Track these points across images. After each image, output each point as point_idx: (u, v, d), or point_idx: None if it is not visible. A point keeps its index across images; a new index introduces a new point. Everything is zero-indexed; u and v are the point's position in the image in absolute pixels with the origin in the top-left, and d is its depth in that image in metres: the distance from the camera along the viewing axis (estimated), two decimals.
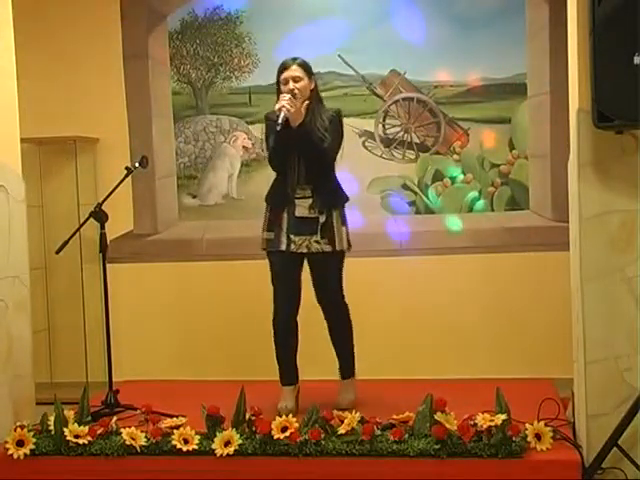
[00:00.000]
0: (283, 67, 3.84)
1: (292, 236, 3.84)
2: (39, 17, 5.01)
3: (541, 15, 4.78)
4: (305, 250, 3.85)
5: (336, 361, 4.02)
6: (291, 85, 3.77)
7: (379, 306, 4.76)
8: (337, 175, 3.96)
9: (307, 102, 3.81)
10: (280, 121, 3.66)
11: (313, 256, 3.86)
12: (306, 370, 4.08)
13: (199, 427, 3.43)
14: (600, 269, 3.16)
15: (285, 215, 3.86)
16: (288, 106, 3.68)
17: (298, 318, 3.97)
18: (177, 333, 5.07)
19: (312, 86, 3.86)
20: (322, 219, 3.83)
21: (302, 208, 3.84)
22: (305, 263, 3.95)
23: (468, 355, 4.78)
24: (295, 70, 3.81)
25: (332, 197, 3.90)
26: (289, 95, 3.72)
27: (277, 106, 3.72)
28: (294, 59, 3.85)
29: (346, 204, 3.97)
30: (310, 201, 3.83)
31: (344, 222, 3.91)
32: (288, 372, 3.99)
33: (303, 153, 3.81)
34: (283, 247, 3.85)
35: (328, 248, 3.84)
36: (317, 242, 3.84)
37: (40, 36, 5.03)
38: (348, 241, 3.93)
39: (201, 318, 5.04)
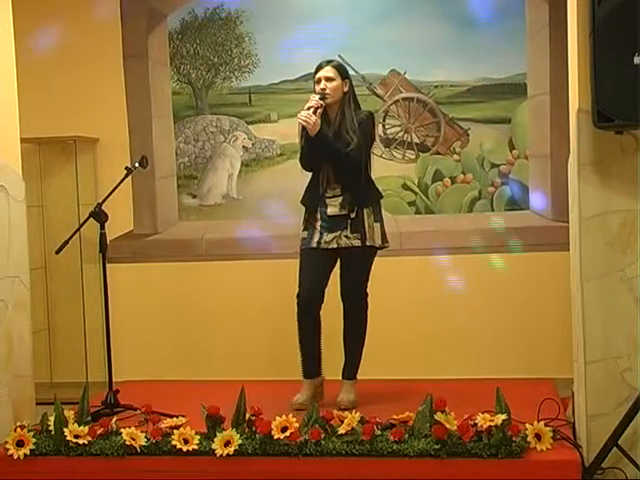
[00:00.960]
0: (318, 68, 3.99)
1: (324, 234, 3.95)
2: (39, 17, 5.01)
3: (541, 15, 4.78)
4: (335, 245, 3.95)
5: (336, 360, 4.03)
6: (322, 85, 3.92)
7: (379, 306, 4.74)
8: (369, 173, 4.05)
9: (338, 102, 3.93)
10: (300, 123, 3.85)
11: (344, 251, 3.95)
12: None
13: (199, 427, 3.43)
14: (600, 269, 3.16)
15: (318, 215, 3.98)
16: (302, 120, 3.83)
17: None
18: (177, 333, 5.06)
19: (345, 88, 3.98)
20: (352, 215, 3.93)
21: (333, 207, 3.96)
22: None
23: (468, 355, 4.78)
24: (328, 71, 3.96)
25: (361, 195, 3.98)
26: (317, 97, 3.87)
27: (298, 116, 3.88)
28: (329, 61, 4.01)
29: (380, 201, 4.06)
30: (340, 199, 3.95)
31: (377, 219, 4.00)
32: (308, 365, 4.03)
33: (326, 158, 3.93)
34: (314, 244, 3.96)
35: (357, 243, 3.93)
36: (347, 237, 3.94)
37: (40, 36, 5.02)
38: (383, 238, 4.01)
39: (201, 318, 5.04)
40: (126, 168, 4.16)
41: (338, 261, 4.02)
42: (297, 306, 4.01)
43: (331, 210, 3.96)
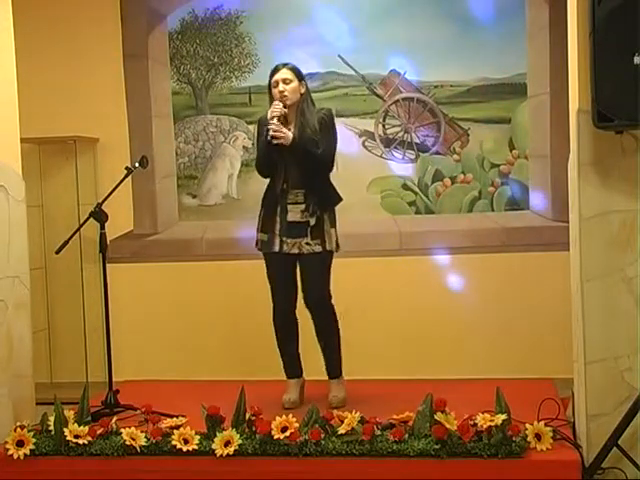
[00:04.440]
0: (274, 70, 3.97)
1: (285, 239, 3.94)
2: (39, 17, 5.01)
3: (541, 15, 4.78)
4: (297, 251, 3.94)
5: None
6: (281, 87, 3.90)
7: (379, 306, 4.76)
8: (330, 177, 4.02)
9: (296, 104, 3.90)
10: (269, 138, 3.80)
11: (304, 257, 3.95)
12: (308, 370, 4.11)
13: (199, 427, 3.43)
14: (600, 269, 3.16)
15: (278, 219, 3.95)
16: (276, 135, 3.80)
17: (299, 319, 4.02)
18: (177, 333, 5.06)
19: (302, 90, 3.96)
20: (312, 222, 3.91)
21: (294, 213, 3.93)
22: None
23: (468, 355, 4.78)
24: (285, 73, 3.94)
25: (325, 201, 3.97)
26: (280, 105, 3.85)
27: (268, 115, 3.86)
28: (285, 64, 3.98)
29: (339, 204, 4.03)
30: (302, 206, 3.92)
31: (333, 224, 3.99)
32: (291, 365, 4.08)
33: (299, 163, 3.89)
34: (276, 248, 3.96)
35: (319, 249, 3.93)
36: (308, 244, 3.93)
37: (40, 36, 5.02)
38: (337, 242, 4.01)
39: (201, 318, 5.04)
40: (126, 168, 4.16)
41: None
42: (274, 312, 4.04)
43: (291, 216, 3.92)
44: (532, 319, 4.74)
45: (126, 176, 4.15)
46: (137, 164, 4.18)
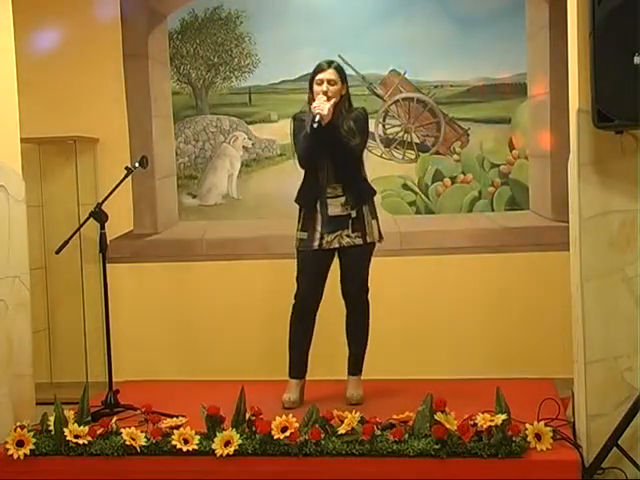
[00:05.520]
0: (319, 69, 3.95)
1: (325, 235, 3.94)
2: (39, 17, 5.01)
3: (541, 15, 4.77)
4: (337, 245, 3.95)
5: (340, 359, 4.05)
6: (324, 87, 3.88)
7: (379, 306, 4.75)
8: (364, 171, 4.07)
9: (335, 101, 3.88)
10: (316, 120, 3.76)
11: (344, 250, 3.97)
12: (310, 370, 4.11)
13: (199, 427, 3.43)
14: (600, 269, 3.16)
15: (319, 215, 3.96)
16: (321, 110, 3.78)
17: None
18: (177, 333, 5.06)
19: (343, 92, 3.97)
20: (353, 214, 3.94)
21: (334, 207, 3.95)
22: (335, 260, 4.04)
23: (468, 355, 4.78)
24: (331, 74, 3.93)
25: (362, 193, 4.00)
26: (325, 97, 3.83)
27: (314, 105, 3.83)
28: (330, 63, 3.97)
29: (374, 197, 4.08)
30: (342, 199, 3.95)
31: (374, 215, 4.03)
32: (297, 364, 4.07)
33: (333, 152, 3.89)
34: (316, 246, 3.96)
35: (359, 241, 3.96)
36: (348, 236, 3.95)
37: (40, 36, 5.02)
38: (380, 233, 4.05)
39: (201, 318, 5.04)
40: (126, 168, 4.16)
41: (335, 260, 4.02)
42: (293, 308, 4.02)
43: (332, 210, 3.94)
44: (532, 319, 4.74)
45: (126, 176, 4.15)
46: (137, 164, 4.18)
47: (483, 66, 4.84)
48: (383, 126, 5.03)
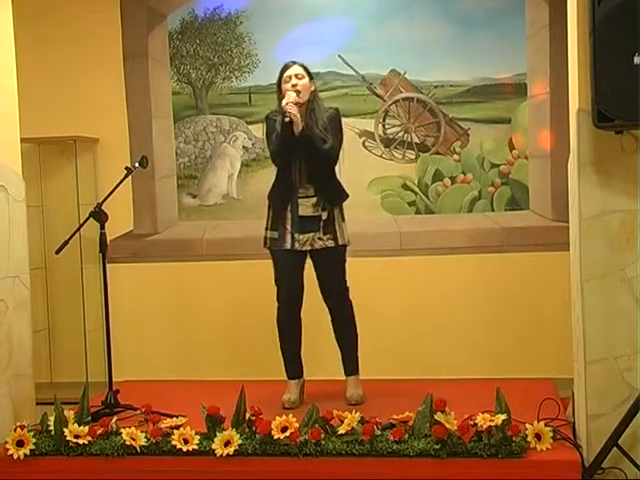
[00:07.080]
0: (285, 68, 3.94)
1: (296, 235, 3.91)
2: (39, 17, 5.01)
3: (541, 15, 4.78)
4: (309, 247, 3.93)
5: (338, 359, 4.05)
6: (294, 81, 3.87)
7: (379, 306, 4.75)
8: (337, 173, 4.03)
9: (306, 102, 3.86)
10: (287, 118, 3.74)
11: (317, 252, 3.94)
12: (309, 370, 4.11)
13: (199, 427, 3.43)
14: (600, 269, 3.16)
15: (289, 214, 3.93)
16: (293, 111, 3.76)
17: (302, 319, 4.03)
18: (177, 333, 5.07)
19: (312, 88, 3.95)
20: (324, 216, 3.91)
21: (305, 207, 3.92)
22: (309, 262, 4.00)
23: (468, 355, 4.78)
24: (297, 69, 3.92)
25: (334, 195, 3.98)
26: (294, 94, 3.81)
27: (284, 102, 3.80)
28: (294, 61, 3.96)
29: (345, 202, 4.03)
30: (313, 200, 3.91)
31: (344, 218, 4.01)
32: (293, 366, 4.07)
33: (306, 156, 3.87)
34: (288, 246, 3.94)
35: (331, 243, 3.93)
36: (320, 239, 3.92)
37: (40, 36, 5.02)
38: (347, 237, 4.02)
39: (201, 318, 5.04)
40: (126, 168, 4.16)
41: (309, 262, 4.00)
42: (278, 310, 4.02)
43: (303, 210, 3.91)
44: (532, 319, 4.74)
45: (126, 176, 4.15)
46: (137, 164, 4.18)
47: (483, 66, 4.84)
48: (383, 126, 5.03)
